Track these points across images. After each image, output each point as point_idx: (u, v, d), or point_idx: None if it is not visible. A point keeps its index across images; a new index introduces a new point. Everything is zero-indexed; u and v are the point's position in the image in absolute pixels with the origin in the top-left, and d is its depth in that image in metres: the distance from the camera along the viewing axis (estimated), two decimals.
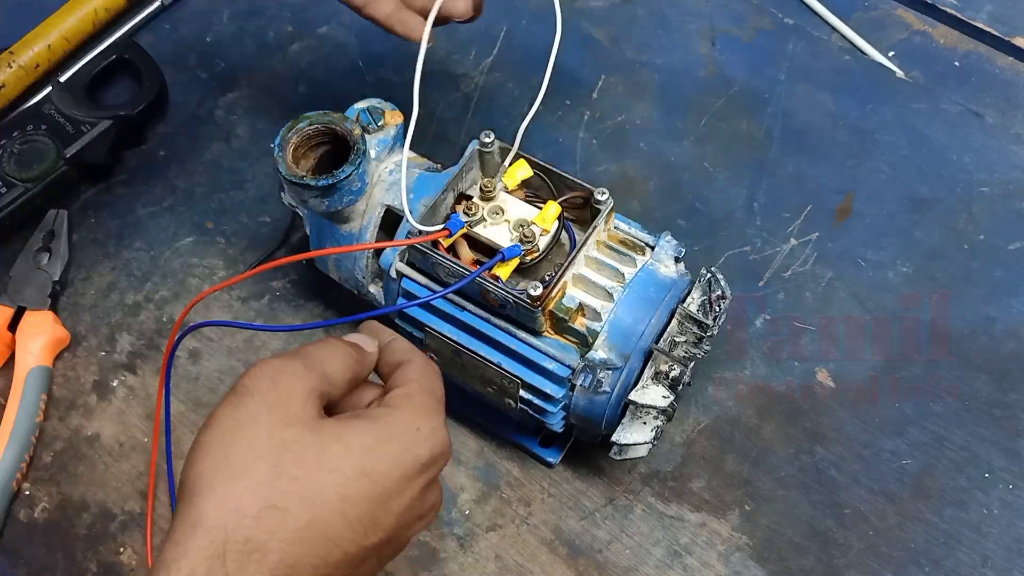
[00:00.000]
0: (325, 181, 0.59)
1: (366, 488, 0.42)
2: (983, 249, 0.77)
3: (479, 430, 0.70)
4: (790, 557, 0.66)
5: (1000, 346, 0.73)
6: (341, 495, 0.42)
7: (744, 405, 0.71)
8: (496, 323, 0.60)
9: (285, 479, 0.41)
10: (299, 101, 0.85)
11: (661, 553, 0.66)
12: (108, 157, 0.80)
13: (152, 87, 0.83)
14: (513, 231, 0.59)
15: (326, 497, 0.41)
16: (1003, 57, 0.87)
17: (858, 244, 0.78)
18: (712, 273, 0.60)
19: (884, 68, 0.87)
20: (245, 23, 0.90)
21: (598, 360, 0.58)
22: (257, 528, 0.40)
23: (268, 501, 0.40)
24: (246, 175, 0.82)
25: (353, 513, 0.42)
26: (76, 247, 0.78)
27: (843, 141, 0.83)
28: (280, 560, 0.40)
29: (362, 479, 0.42)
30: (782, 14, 0.90)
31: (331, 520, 0.41)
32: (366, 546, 0.43)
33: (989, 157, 0.82)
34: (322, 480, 0.42)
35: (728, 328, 0.73)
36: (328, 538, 0.41)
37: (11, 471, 0.67)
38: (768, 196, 0.80)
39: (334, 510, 0.41)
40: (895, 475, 0.68)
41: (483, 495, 0.68)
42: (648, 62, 0.87)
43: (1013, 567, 0.65)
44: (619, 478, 0.69)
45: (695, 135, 0.83)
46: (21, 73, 0.82)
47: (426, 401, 0.47)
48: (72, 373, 0.73)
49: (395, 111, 0.65)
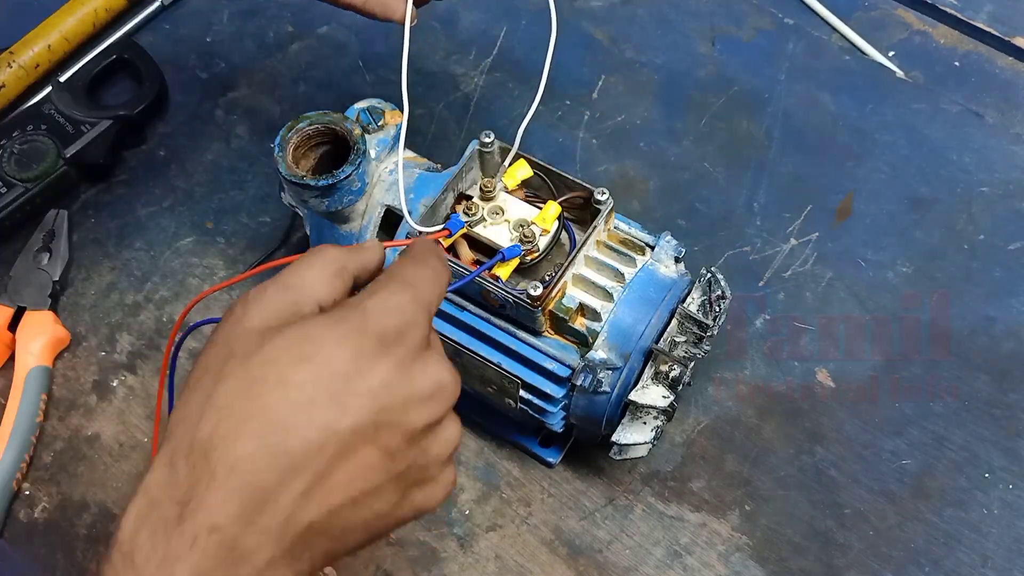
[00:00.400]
0: (325, 181, 0.59)
1: (309, 371, 0.40)
2: (983, 249, 0.77)
3: (479, 430, 0.70)
4: (790, 557, 0.66)
5: (1000, 346, 0.73)
6: (281, 381, 0.40)
7: (744, 405, 0.71)
8: (496, 323, 0.60)
9: (227, 381, 0.40)
10: (299, 101, 0.85)
11: (661, 553, 0.66)
12: (108, 157, 0.80)
13: (152, 87, 0.83)
14: (513, 231, 0.59)
15: (266, 387, 0.40)
16: (1003, 57, 0.87)
17: (858, 244, 0.78)
18: (712, 273, 0.60)
19: (884, 68, 0.87)
20: (245, 23, 0.90)
21: (598, 360, 0.58)
22: (198, 431, 0.39)
23: (208, 403, 0.40)
24: (246, 175, 0.82)
25: (299, 396, 0.40)
26: (76, 247, 0.78)
27: (843, 141, 0.83)
28: (226, 454, 0.38)
29: (303, 364, 0.40)
30: (782, 14, 0.90)
31: (275, 406, 0.39)
32: (338, 431, 0.40)
33: (989, 157, 0.82)
34: (262, 373, 0.40)
35: (728, 328, 0.73)
36: (278, 425, 0.39)
37: (11, 471, 0.67)
38: (768, 196, 0.80)
39: (276, 397, 0.40)
40: (895, 475, 0.68)
41: (483, 495, 0.68)
42: (648, 62, 0.87)
43: (1013, 567, 0.65)
44: (619, 478, 0.69)
45: (695, 135, 0.83)
46: (21, 73, 0.82)
47: (385, 285, 0.44)
48: (72, 373, 0.73)
49: (395, 111, 0.65)
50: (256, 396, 0.40)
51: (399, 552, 0.66)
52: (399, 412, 0.42)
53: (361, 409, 0.40)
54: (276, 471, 0.39)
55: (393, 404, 0.41)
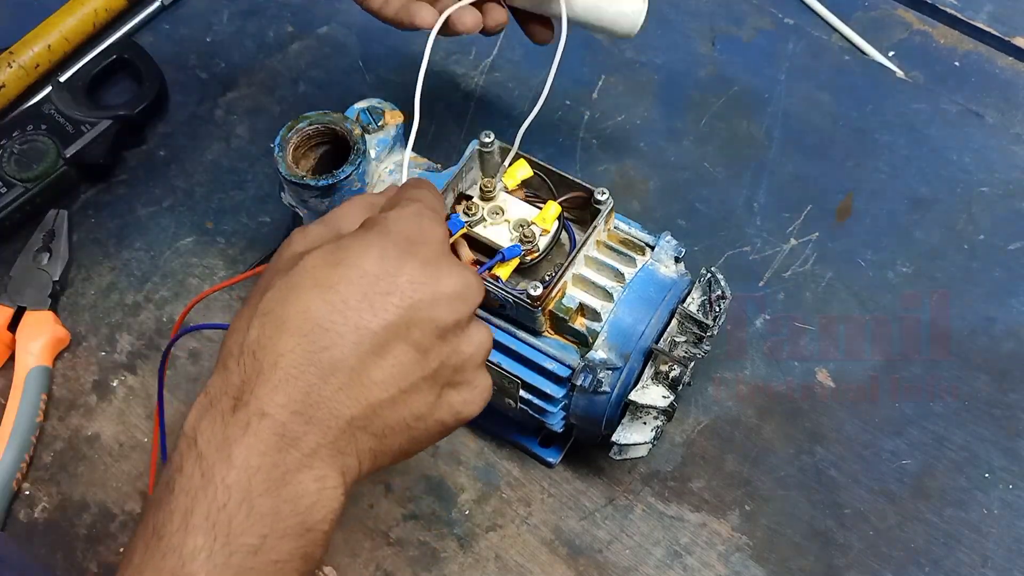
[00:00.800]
0: (325, 181, 0.59)
1: (339, 272, 0.43)
2: (983, 249, 0.77)
3: (479, 430, 0.70)
4: (790, 557, 0.66)
5: (1000, 346, 0.73)
6: (316, 283, 0.43)
7: (744, 405, 0.71)
8: (496, 323, 0.60)
9: (271, 291, 0.44)
10: (299, 101, 0.85)
11: (661, 553, 0.66)
12: (108, 157, 0.80)
13: (152, 87, 0.83)
14: (513, 231, 0.59)
15: (301, 290, 0.43)
16: (1003, 57, 0.87)
17: (858, 244, 0.78)
18: (712, 273, 0.60)
19: (884, 68, 0.87)
20: (245, 23, 0.90)
21: (598, 360, 0.58)
22: (247, 336, 0.43)
23: (255, 312, 0.43)
24: (246, 175, 0.82)
25: (332, 296, 0.43)
26: (76, 247, 0.78)
27: (843, 141, 0.83)
28: (268, 353, 0.42)
29: (334, 267, 0.43)
30: (782, 14, 0.90)
31: (311, 306, 0.42)
32: (373, 329, 0.43)
33: (989, 157, 0.82)
34: (298, 280, 0.44)
35: (728, 328, 0.73)
36: (315, 324, 0.42)
37: (11, 471, 0.67)
38: (768, 196, 0.80)
39: (311, 297, 0.43)
40: (895, 475, 0.68)
41: (483, 495, 0.68)
42: (648, 62, 0.87)
43: (1013, 567, 0.65)
44: (619, 478, 0.69)
45: (695, 135, 0.83)
46: (21, 73, 0.82)
47: (401, 201, 0.48)
48: (72, 373, 0.73)
49: (395, 111, 0.65)
50: (294, 300, 0.43)
51: (399, 552, 0.66)
52: (428, 308, 0.44)
53: (391, 306, 0.43)
54: (316, 366, 0.42)
55: (421, 301, 0.44)
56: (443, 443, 0.70)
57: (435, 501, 0.68)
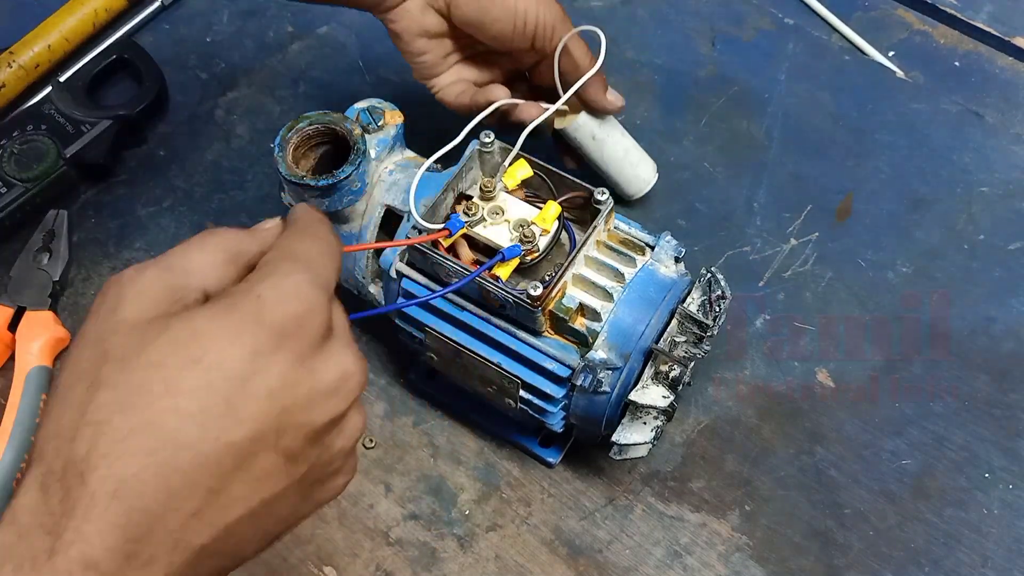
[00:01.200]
0: (325, 181, 0.59)
1: (200, 376, 0.35)
2: (983, 249, 0.77)
3: (479, 430, 0.70)
4: (790, 557, 0.66)
5: (1000, 346, 0.73)
6: (170, 390, 0.35)
7: (744, 405, 0.71)
8: (496, 323, 0.60)
9: (104, 390, 0.35)
10: (299, 101, 0.85)
11: (661, 553, 0.66)
12: (108, 157, 0.80)
13: (152, 87, 0.83)
14: (513, 231, 0.59)
15: (151, 397, 0.35)
16: (1003, 57, 0.87)
17: (858, 244, 0.78)
18: (712, 273, 0.60)
19: (884, 68, 0.87)
20: (245, 23, 0.90)
21: (598, 360, 0.58)
22: (74, 449, 0.34)
23: (83, 418, 0.35)
24: (246, 175, 0.82)
25: (190, 406, 0.35)
26: (76, 247, 0.78)
27: (843, 141, 0.83)
28: (106, 476, 0.34)
29: (193, 367, 0.35)
30: (782, 14, 0.90)
31: (163, 420, 0.35)
32: (234, 441, 0.35)
33: (989, 157, 0.82)
34: (145, 379, 0.35)
35: (728, 328, 0.73)
36: (168, 440, 0.34)
37: (11, 471, 0.67)
38: (768, 196, 0.80)
39: (164, 408, 0.35)
40: (895, 475, 0.68)
41: (483, 495, 0.68)
42: (648, 62, 0.87)
43: (1013, 567, 0.65)
44: (619, 478, 0.69)
45: (695, 135, 0.83)
46: (21, 73, 0.82)
47: (278, 266, 0.39)
48: None
49: (395, 111, 0.65)
50: (140, 407, 0.35)
51: (399, 552, 0.66)
52: (301, 412, 0.38)
53: (260, 414, 0.36)
54: (165, 493, 0.34)
55: (295, 404, 0.37)
56: (443, 443, 0.70)
57: (435, 501, 0.68)
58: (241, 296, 0.38)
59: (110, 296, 0.38)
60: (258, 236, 0.43)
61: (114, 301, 0.38)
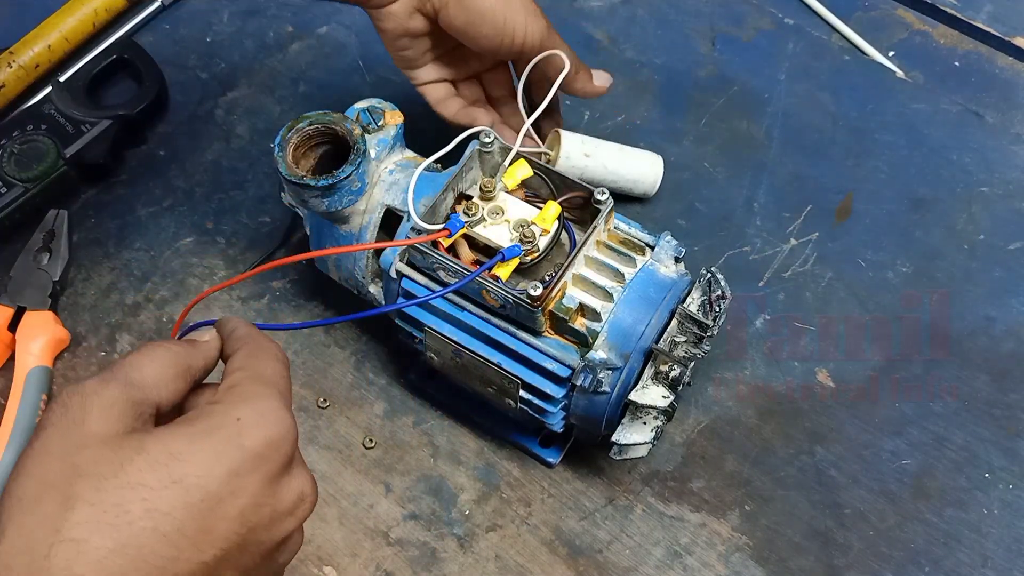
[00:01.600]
0: (325, 181, 0.59)
1: (179, 496, 0.37)
2: (983, 249, 0.77)
3: (479, 430, 0.70)
4: (790, 557, 0.66)
5: (1000, 346, 0.73)
6: (149, 510, 0.36)
7: (744, 405, 0.71)
8: (496, 323, 0.60)
9: (80, 507, 0.36)
10: (299, 101, 0.85)
11: (661, 553, 0.66)
12: (108, 157, 0.80)
13: (152, 87, 0.83)
14: (513, 231, 0.59)
15: (131, 517, 0.36)
16: (1003, 57, 0.87)
17: (858, 244, 0.78)
18: (712, 273, 0.60)
19: (884, 68, 0.87)
20: (245, 23, 0.90)
21: (598, 360, 0.58)
22: (48, 568, 0.34)
23: (59, 535, 0.35)
24: (246, 175, 0.82)
25: (169, 527, 0.36)
26: (76, 247, 0.78)
27: (843, 141, 0.83)
28: None
29: (173, 488, 0.37)
30: (782, 14, 0.90)
31: (142, 541, 0.36)
32: (206, 561, 0.37)
33: (989, 157, 0.82)
34: (124, 499, 0.36)
35: (728, 328, 0.73)
36: (145, 561, 0.36)
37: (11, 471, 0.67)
38: (768, 196, 0.80)
39: (143, 528, 0.36)
40: (895, 475, 0.68)
41: (483, 495, 0.68)
42: (648, 62, 0.87)
43: (1013, 567, 0.65)
44: (619, 478, 0.69)
45: (695, 135, 0.83)
46: (21, 73, 0.82)
47: (252, 387, 0.41)
48: (72, 373, 0.73)
49: (395, 111, 0.65)
50: (119, 527, 0.36)
51: (399, 552, 0.66)
52: (263, 531, 0.40)
53: (230, 534, 0.38)
54: None
55: (259, 523, 0.39)
56: (443, 443, 0.70)
57: (435, 501, 0.68)
58: (221, 418, 0.39)
59: (73, 408, 0.38)
60: (202, 351, 0.45)
61: (79, 414, 0.38)
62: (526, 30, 0.64)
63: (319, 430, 0.70)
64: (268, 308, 0.75)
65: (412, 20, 0.65)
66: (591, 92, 0.70)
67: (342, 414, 0.71)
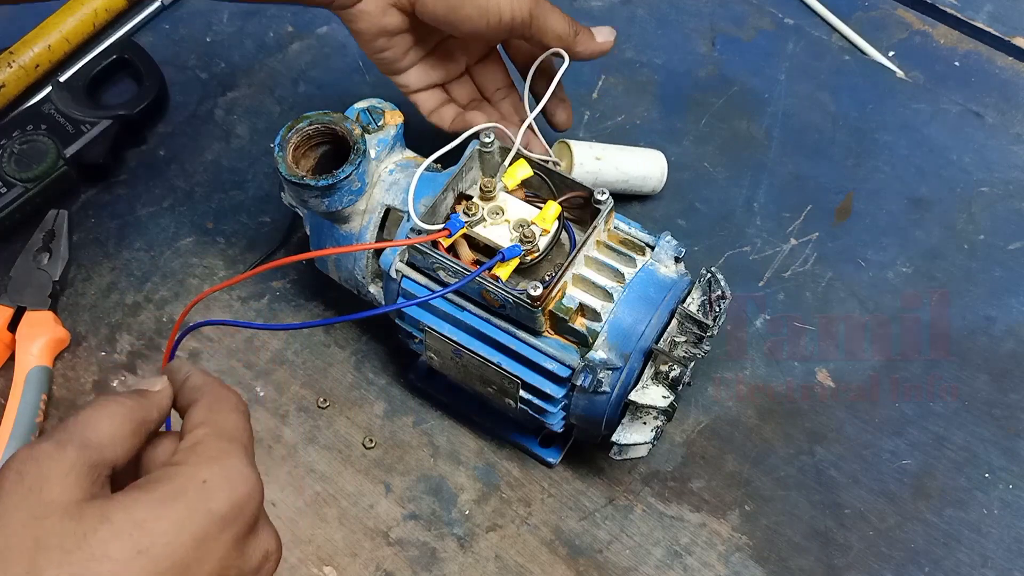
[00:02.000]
0: (325, 181, 0.59)
1: (147, 567, 0.36)
2: (983, 249, 0.77)
3: (479, 430, 0.70)
4: (790, 557, 0.66)
5: (1000, 346, 0.73)
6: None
7: (744, 405, 0.71)
8: (496, 323, 0.60)
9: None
10: (299, 101, 0.85)
11: (661, 553, 0.66)
12: (108, 157, 0.80)
13: (152, 87, 0.83)
14: (513, 231, 0.59)
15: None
16: (1003, 57, 0.87)
17: (858, 244, 0.78)
18: (712, 273, 0.60)
19: (884, 68, 0.87)
20: (245, 23, 0.90)
21: (598, 360, 0.58)
22: None
23: None
24: (246, 175, 0.82)
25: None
26: (76, 247, 0.78)
27: (843, 141, 0.83)
28: None
29: (140, 558, 0.36)
30: (782, 14, 0.90)
31: None
32: None
33: (989, 157, 0.82)
34: (89, 572, 0.35)
35: (728, 328, 0.73)
36: None
37: None
38: (768, 196, 0.80)
39: None
40: (895, 475, 0.68)
41: (483, 495, 0.68)
42: (648, 62, 0.87)
43: (1013, 567, 0.65)
44: (619, 478, 0.69)
45: (695, 135, 0.83)
46: (21, 73, 0.82)
47: (216, 445, 0.41)
48: (72, 373, 0.73)
49: (395, 111, 0.65)
50: None
51: (399, 552, 0.66)
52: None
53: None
54: None
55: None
56: (443, 443, 0.70)
57: (435, 501, 0.68)
58: (185, 481, 0.38)
59: (29, 476, 0.37)
60: (155, 402, 0.43)
61: (35, 481, 0.37)
62: (512, 5, 0.60)
63: (319, 430, 0.70)
64: (268, 308, 0.75)
65: (387, 16, 0.62)
66: (596, 51, 0.66)
67: (342, 414, 0.71)
